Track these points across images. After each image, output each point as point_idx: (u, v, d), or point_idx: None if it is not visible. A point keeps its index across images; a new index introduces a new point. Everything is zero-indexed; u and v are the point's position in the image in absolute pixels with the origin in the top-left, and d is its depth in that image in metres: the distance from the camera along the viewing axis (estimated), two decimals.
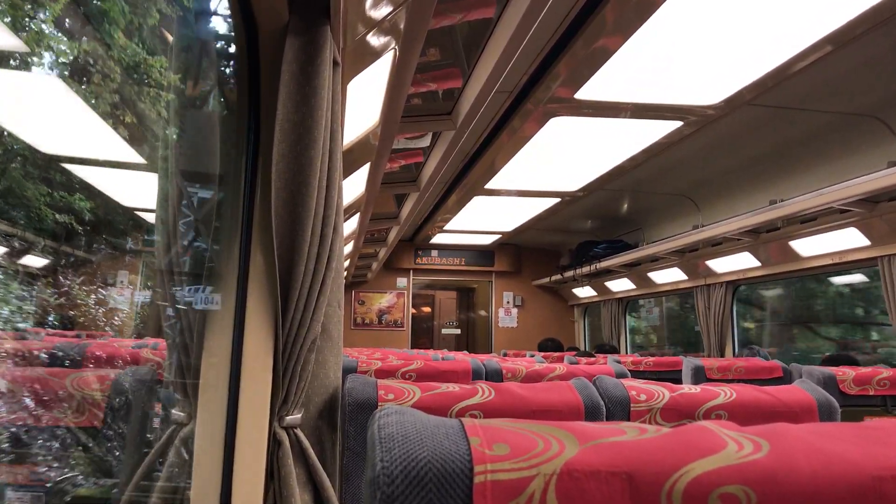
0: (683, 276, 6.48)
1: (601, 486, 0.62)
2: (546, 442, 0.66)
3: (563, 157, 4.76)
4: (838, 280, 5.39)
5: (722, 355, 5.94)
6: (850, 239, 4.25)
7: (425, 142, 3.88)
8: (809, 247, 4.69)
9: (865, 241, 4.16)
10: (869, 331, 5.26)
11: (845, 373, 2.65)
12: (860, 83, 3.44)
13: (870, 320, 5.18)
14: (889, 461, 0.64)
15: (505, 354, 6.22)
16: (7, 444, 1.77)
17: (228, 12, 1.34)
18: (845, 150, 4.17)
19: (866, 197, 3.68)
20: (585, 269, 7.92)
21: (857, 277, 5.15)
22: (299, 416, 1.36)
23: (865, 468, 0.63)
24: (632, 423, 0.72)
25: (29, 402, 1.77)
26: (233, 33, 1.37)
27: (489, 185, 5.60)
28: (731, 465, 0.63)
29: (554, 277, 9.11)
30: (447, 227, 7.95)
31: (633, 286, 7.59)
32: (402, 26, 1.94)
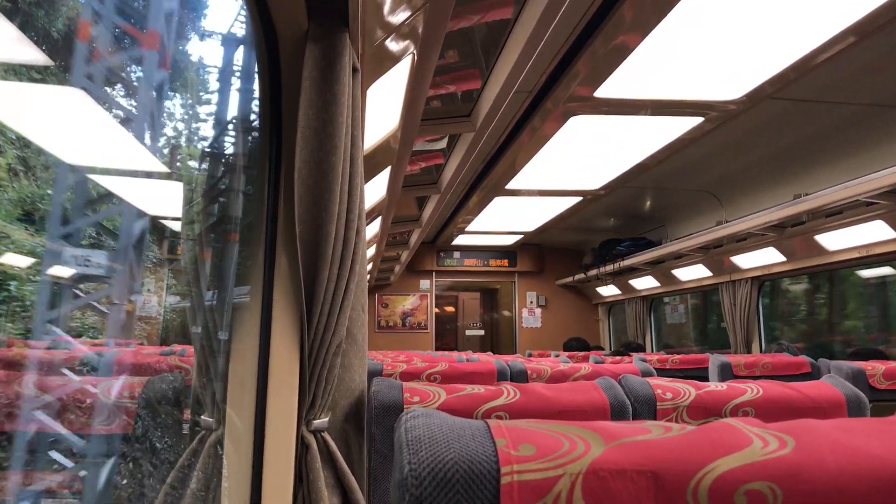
0: (708, 273, 6.43)
1: (627, 484, 0.63)
2: (571, 442, 0.66)
3: (583, 156, 4.75)
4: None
5: (749, 351, 5.89)
6: (877, 232, 4.20)
7: (442, 143, 3.89)
8: (836, 241, 4.63)
9: (893, 234, 4.10)
10: None
11: (875, 367, 2.62)
12: (884, 74, 3.39)
13: None
14: None
15: (529, 355, 6.21)
16: (39, 451, 1.81)
17: (249, 21, 1.35)
18: (870, 141, 4.12)
19: (893, 189, 3.64)
20: (609, 268, 7.88)
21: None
22: (326, 419, 1.37)
23: (893, 464, 0.63)
24: (657, 421, 0.72)
25: (60, 409, 1.80)
26: (253, 42, 1.39)
27: (510, 186, 5.60)
28: (756, 462, 0.63)
29: (577, 276, 9.07)
30: (469, 228, 7.95)
31: (658, 284, 7.54)
32: (420, 30, 1.95)
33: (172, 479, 1.37)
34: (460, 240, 9.18)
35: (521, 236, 8.79)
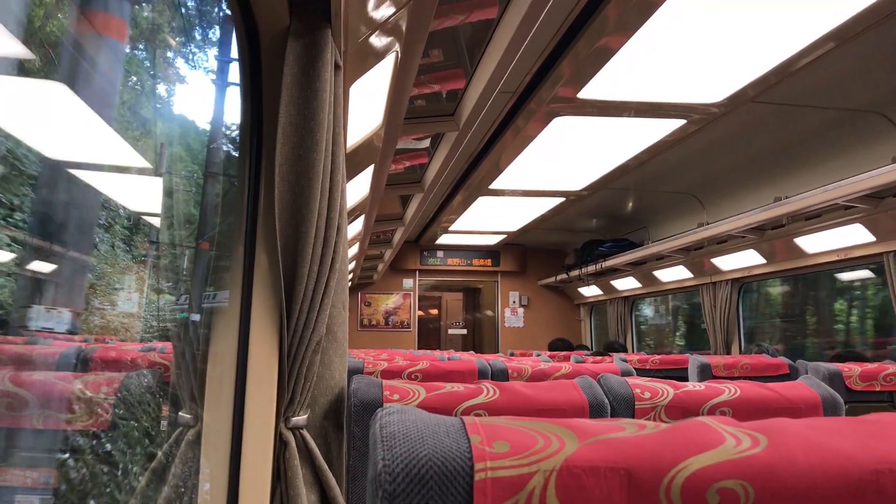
0: (689, 274, 6.47)
1: (600, 481, 0.63)
2: (546, 439, 0.66)
3: (567, 157, 4.77)
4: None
5: (728, 353, 5.93)
6: (855, 235, 4.24)
7: (426, 142, 3.89)
8: (815, 243, 4.68)
9: (871, 238, 4.15)
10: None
11: (851, 369, 2.65)
12: (863, 79, 3.43)
13: None
14: (887, 455, 0.64)
15: (511, 354, 6.23)
16: (15, 448, 1.79)
17: (230, 17, 1.35)
18: (849, 146, 4.17)
19: (871, 193, 3.68)
20: (591, 269, 7.91)
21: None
22: (305, 416, 1.37)
23: (863, 462, 0.64)
24: (631, 419, 0.72)
25: (37, 405, 1.79)
26: (234, 37, 1.38)
27: (493, 186, 5.61)
28: (728, 460, 0.63)
29: (559, 277, 9.10)
30: (452, 227, 7.95)
31: (639, 285, 7.58)
32: (403, 28, 1.95)
33: (149, 476, 1.36)
34: (444, 239, 9.18)
35: (505, 236, 8.81)
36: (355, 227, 5.05)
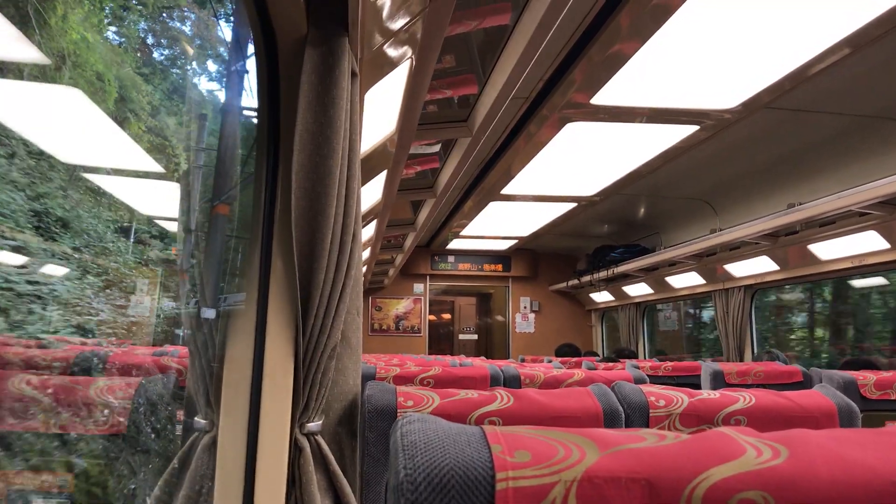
0: (701, 281, 6.44)
1: (621, 492, 0.63)
2: (567, 449, 0.67)
3: (579, 162, 4.76)
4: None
5: (741, 360, 5.90)
6: (870, 242, 4.22)
7: (435, 147, 3.89)
8: (829, 250, 4.65)
9: (886, 244, 4.12)
10: None
11: (866, 377, 2.63)
12: (878, 85, 3.41)
13: None
14: None
15: (522, 360, 6.22)
16: (32, 451, 1.80)
17: (249, 25, 1.35)
18: (864, 152, 4.14)
19: (886, 200, 3.65)
20: (602, 274, 7.89)
21: None
22: (320, 422, 1.37)
23: (885, 474, 0.63)
24: (651, 429, 0.72)
25: (53, 409, 1.80)
26: (252, 45, 1.39)
27: (505, 191, 5.61)
28: (750, 471, 0.63)
29: (571, 282, 9.08)
30: (463, 232, 7.95)
31: (651, 291, 7.55)
32: (418, 36, 1.95)
33: (165, 481, 1.37)
34: (455, 244, 9.18)
35: (516, 241, 8.80)
36: (367, 232, 5.07)
